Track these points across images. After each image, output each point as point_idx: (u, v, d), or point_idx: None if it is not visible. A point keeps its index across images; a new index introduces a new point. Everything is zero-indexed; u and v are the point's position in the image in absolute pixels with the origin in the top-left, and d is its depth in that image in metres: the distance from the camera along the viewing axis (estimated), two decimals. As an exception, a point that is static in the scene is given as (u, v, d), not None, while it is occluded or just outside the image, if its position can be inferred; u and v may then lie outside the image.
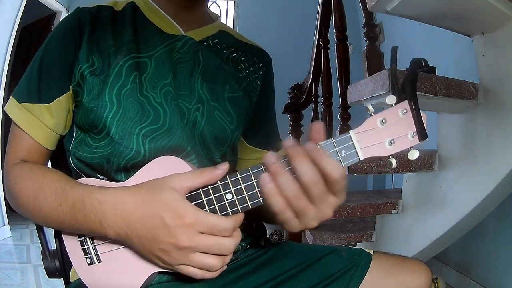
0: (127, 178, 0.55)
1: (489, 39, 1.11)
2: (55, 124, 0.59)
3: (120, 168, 0.57)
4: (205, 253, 0.46)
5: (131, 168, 0.56)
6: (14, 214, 2.94)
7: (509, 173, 1.02)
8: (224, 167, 0.47)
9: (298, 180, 0.42)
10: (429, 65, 0.44)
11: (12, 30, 2.72)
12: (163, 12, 0.64)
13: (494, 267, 1.61)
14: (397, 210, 1.41)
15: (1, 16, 2.61)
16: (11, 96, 0.60)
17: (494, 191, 1.07)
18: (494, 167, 1.07)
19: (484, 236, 1.64)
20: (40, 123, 0.58)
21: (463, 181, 1.18)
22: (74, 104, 0.59)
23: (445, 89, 1.06)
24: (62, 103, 0.59)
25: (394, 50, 0.46)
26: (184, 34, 0.64)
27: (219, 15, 0.76)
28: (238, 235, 0.48)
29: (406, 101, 0.44)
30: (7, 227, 2.81)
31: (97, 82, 0.57)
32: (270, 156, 0.43)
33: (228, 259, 0.48)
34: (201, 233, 0.45)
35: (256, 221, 0.71)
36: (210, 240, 0.45)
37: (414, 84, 0.44)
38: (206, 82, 0.63)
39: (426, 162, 1.27)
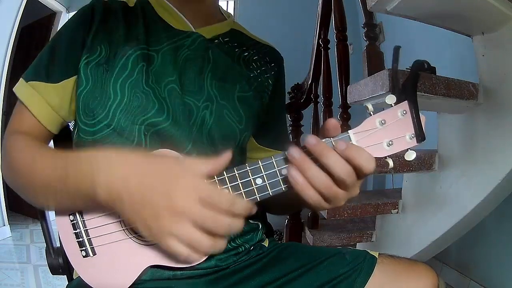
0: None
1: (489, 39, 1.11)
2: (58, 104, 0.59)
3: None
4: (197, 228, 0.42)
5: None
6: (14, 214, 2.94)
7: (509, 173, 1.02)
8: (226, 156, 0.45)
9: (330, 174, 0.42)
10: (429, 65, 0.44)
11: (12, 30, 2.72)
12: (173, 7, 0.64)
13: (494, 267, 1.61)
14: (397, 210, 1.41)
15: (1, 16, 2.61)
16: (20, 78, 0.61)
17: (494, 191, 1.07)
18: (494, 167, 1.07)
19: (484, 236, 1.64)
20: (43, 100, 0.58)
21: (463, 181, 1.18)
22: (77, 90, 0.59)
23: (445, 89, 1.06)
24: (70, 84, 0.59)
25: (397, 50, 0.46)
26: (194, 31, 0.64)
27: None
28: (239, 220, 0.44)
29: (406, 102, 0.44)
30: (7, 227, 2.80)
31: (101, 71, 0.57)
32: (295, 151, 0.43)
33: (220, 244, 0.43)
34: (200, 203, 0.42)
35: (262, 222, 0.71)
36: (207, 212, 0.41)
37: (415, 85, 0.44)
38: (216, 80, 0.62)
39: (426, 162, 1.27)
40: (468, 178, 1.16)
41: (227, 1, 3.83)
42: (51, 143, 0.73)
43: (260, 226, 0.69)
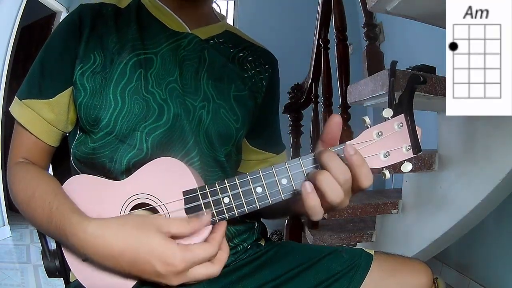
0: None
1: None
2: (55, 119, 0.59)
3: (122, 169, 0.56)
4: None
5: (132, 168, 0.56)
6: (14, 214, 2.94)
7: (509, 173, 1.02)
8: (206, 218, 0.48)
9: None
10: (429, 65, 0.45)
11: (12, 30, 2.72)
12: (168, 9, 0.64)
13: (494, 267, 1.61)
14: (397, 210, 1.41)
15: (1, 16, 2.61)
16: (15, 96, 0.61)
17: (494, 191, 1.07)
18: (494, 167, 1.07)
19: (484, 236, 1.64)
20: (39, 117, 0.58)
21: (463, 181, 1.18)
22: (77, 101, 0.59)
23: (445, 89, 1.06)
24: (65, 98, 0.59)
25: (393, 65, 0.47)
26: (190, 31, 0.64)
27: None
28: (225, 251, 0.50)
29: (403, 115, 0.45)
30: (7, 227, 2.81)
31: (98, 79, 0.57)
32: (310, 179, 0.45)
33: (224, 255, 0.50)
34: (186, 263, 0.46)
35: (258, 221, 0.71)
36: (200, 270, 0.47)
37: (411, 99, 0.45)
38: (212, 80, 0.63)
39: (426, 162, 1.27)
40: (468, 178, 1.16)
41: (227, 1, 3.83)
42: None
43: (256, 225, 0.69)
